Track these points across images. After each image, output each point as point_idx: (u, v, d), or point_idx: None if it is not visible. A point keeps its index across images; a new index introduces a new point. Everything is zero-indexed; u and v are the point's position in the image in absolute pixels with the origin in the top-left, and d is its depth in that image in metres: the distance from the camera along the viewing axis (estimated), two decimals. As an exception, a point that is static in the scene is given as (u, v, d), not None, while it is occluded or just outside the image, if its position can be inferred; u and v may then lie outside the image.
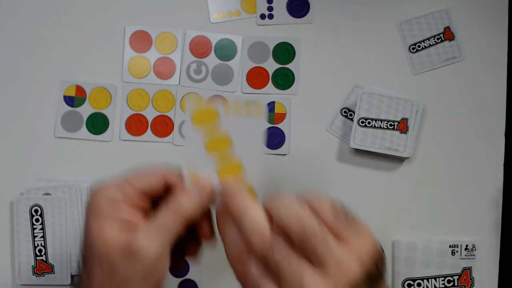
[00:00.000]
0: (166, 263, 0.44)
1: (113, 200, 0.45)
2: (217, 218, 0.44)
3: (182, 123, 0.61)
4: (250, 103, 0.43)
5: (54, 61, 0.61)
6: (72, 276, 0.58)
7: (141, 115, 0.61)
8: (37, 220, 0.58)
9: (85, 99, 0.61)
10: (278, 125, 0.61)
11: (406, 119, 0.58)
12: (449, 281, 0.58)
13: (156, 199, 0.47)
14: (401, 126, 0.58)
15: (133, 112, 0.61)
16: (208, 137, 0.45)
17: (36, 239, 0.58)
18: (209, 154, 0.45)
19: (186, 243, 0.48)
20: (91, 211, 0.45)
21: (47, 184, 0.59)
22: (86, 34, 0.61)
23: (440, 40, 0.61)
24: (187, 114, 0.44)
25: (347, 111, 0.60)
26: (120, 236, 0.43)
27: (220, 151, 0.45)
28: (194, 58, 0.61)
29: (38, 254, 0.58)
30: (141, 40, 0.61)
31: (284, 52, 0.61)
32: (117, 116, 0.61)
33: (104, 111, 0.61)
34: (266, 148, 0.60)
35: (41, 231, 0.58)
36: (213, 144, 0.45)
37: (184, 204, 0.44)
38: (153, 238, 0.43)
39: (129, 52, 0.61)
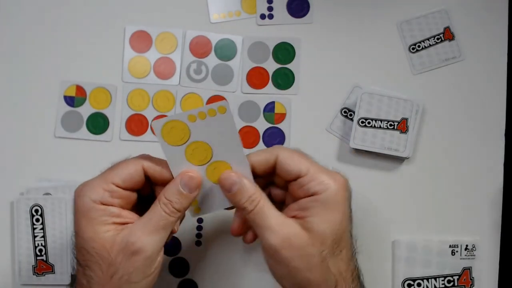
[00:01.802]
0: (162, 255, 0.46)
1: (100, 201, 0.45)
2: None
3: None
4: (213, 106, 0.44)
5: (54, 61, 0.61)
6: (72, 276, 0.58)
7: (141, 115, 0.61)
8: (37, 220, 0.58)
9: (85, 99, 0.61)
10: (278, 125, 0.61)
11: (406, 119, 0.58)
12: (449, 281, 0.58)
13: (141, 189, 0.47)
14: (401, 126, 0.58)
15: (133, 112, 0.61)
16: (186, 149, 0.45)
17: (36, 239, 0.58)
18: (192, 163, 0.46)
19: None
20: (80, 214, 0.45)
21: (47, 184, 0.59)
22: (86, 34, 0.61)
23: (440, 40, 0.61)
24: (157, 134, 0.45)
25: (347, 111, 0.60)
26: (117, 235, 0.44)
27: (202, 158, 0.46)
28: (194, 58, 0.61)
29: (38, 254, 0.58)
30: (141, 40, 0.61)
31: (284, 52, 0.61)
32: (117, 116, 0.61)
33: (104, 111, 0.61)
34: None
35: (41, 231, 0.58)
36: (193, 154, 0.46)
37: (176, 200, 0.45)
38: (150, 236, 0.44)
39: (129, 52, 0.61)
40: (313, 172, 0.45)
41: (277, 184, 0.49)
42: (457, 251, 0.58)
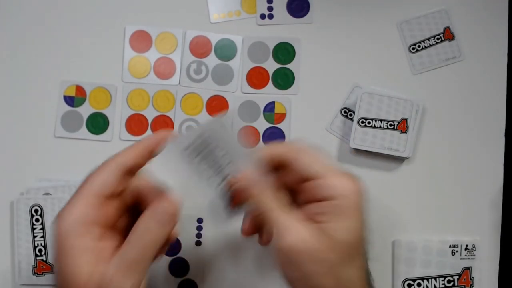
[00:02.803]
0: None
1: (83, 221, 0.40)
2: None
3: (182, 123, 0.61)
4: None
5: (54, 61, 0.61)
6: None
7: (141, 115, 0.61)
8: (37, 220, 0.58)
9: (85, 99, 0.61)
10: (278, 125, 0.61)
11: (406, 119, 0.58)
12: (449, 281, 0.58)
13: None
14: (401, 126, 0.58)
15: (133, 112, 0.61)
16: None
17: (36, 239, 0.58)
18: None
19: None
20: (58, 243, 0.40)
21: (47, 184, 0.59)
22: (86, 34, 0.61)
23: (440, 40, 0.61)
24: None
25: (347, 111, 0.60)
26: (92, 273, 0.39)
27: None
28: (194, 58, 0.61)
29: (38, 254, 0.58)
30: (141, 40, 0.61)
31: (284, 52, 0.61)
32: (117, 116, 0.61)
33: (104, 111, 0.61)
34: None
35: (41, 231, 0.58)
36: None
37: (154, 230, 0.41)
38: (126, 276, 0.39)
39: (129, 52, 0.61)
40: (332, 174, 0.43)
41: (286, 182, 0.46)
42: (457, 251, 0.58)
